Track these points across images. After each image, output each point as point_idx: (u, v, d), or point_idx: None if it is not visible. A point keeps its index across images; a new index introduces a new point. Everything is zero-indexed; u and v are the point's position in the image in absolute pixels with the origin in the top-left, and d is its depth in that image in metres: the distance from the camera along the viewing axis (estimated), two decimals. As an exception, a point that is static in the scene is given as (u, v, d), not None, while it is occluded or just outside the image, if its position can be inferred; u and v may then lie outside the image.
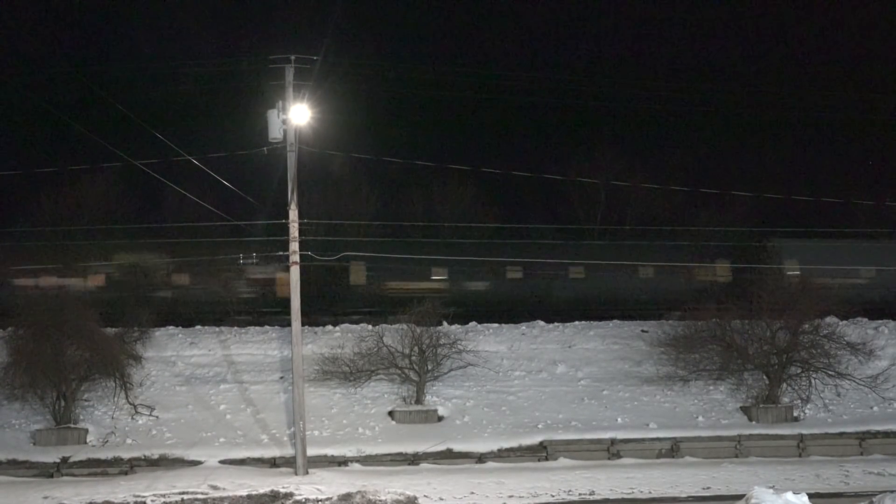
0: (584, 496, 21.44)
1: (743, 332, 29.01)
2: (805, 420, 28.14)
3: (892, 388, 28.89)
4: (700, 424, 27.66)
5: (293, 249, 24.20)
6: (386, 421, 27.41)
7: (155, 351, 29.91)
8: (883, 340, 31.72)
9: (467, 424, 27.16)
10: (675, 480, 22.89)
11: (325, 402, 27.78)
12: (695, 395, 29.19)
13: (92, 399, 27.09)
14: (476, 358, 28.99)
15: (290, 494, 21.19)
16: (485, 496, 21.19)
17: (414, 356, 28.16)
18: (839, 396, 28.56)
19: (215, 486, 21.72)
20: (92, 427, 26.21)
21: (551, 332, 33.43)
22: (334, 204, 44.23)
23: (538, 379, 29.96)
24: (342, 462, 25.23)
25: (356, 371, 28.37)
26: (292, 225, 24.18)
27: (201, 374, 29.40)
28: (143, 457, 24.97)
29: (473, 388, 28.93)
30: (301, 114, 23.98)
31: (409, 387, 28.20)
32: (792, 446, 27.01)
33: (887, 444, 27.09)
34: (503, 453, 25.91)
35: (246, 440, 25.92)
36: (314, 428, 25.94)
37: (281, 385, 28.69)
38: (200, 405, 27.70)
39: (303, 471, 23.36)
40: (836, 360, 28.54)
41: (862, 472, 23.93)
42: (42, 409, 26.38)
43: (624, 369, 30.58)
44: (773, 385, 28.64)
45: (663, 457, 26.43)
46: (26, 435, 25.88)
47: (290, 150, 23.96)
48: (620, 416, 27.74)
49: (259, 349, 31.04)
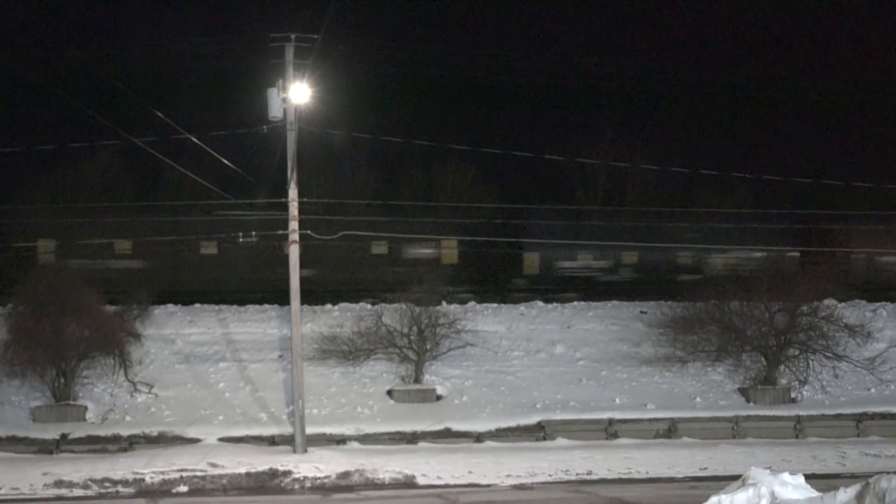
0: (582, 476, 21.50)
1: (741, 313, 29.03)
2: (802, 401, 28.21)
3: (889, 370, 28.93)
4: (698, 405, 27.73)
5: (293, 228, 24.19)
6: (384, 400, 27.46)
7: (154, 329, 29.90)
8: (881, 323, 31.75)
9: (466, 404, 27.23)
10: (673, 461, 22.97)
11: (324, 381, 27.82)
12: (693, 376, 29.24)
13: (91, 376, 27.11)
14: (475, 338, 29.01)
15: (289, 472, 21.25)
16: (483, 475, 21.25)
17: (413, 336, 28.19)
18: (837, 378, 28.62)
19: (214, 464, 21.78)
20: (91, 404, 26.26)
21: (550, 313, 33.45)
22: (334, 183, 44.20)
23: (536, 359, 30.00)
24: (341, 441, 25.30)
25: (355, 350, 28.39)
26: (292, 204, 24.16)
27: (200, 352, 29.43)
28: (142, 434, 25.04)
29: (472, 367, 28.97)
30: (301, 92, 23.89)
31: (407, 366, 28.25)
32: (789, 428, 27.09)
33: (884, 425, 27.18)
34: (501, 433, 25.98)
35: (245, 418, 25.98)
36: (313, 406, 25.98)
37: (280, 363, 28.73)
38: (199, 383, 27.75)
39: (301, 449, 23.41)
40: (833, 342, 28.59)
41: (858, 454, 24.02)
42: (42, 386, 26.41)
43: (622, 350, 30.61)
44: (770, 367, 28.69)
45: (661, 437, 26.50)
46: (26, 412, 25.93)
47: (290, 128, 23.90)
48: (618, 397, 27.80)
49: (258, 328, 31.05)
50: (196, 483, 20.70)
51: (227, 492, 20.35)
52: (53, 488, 20.21)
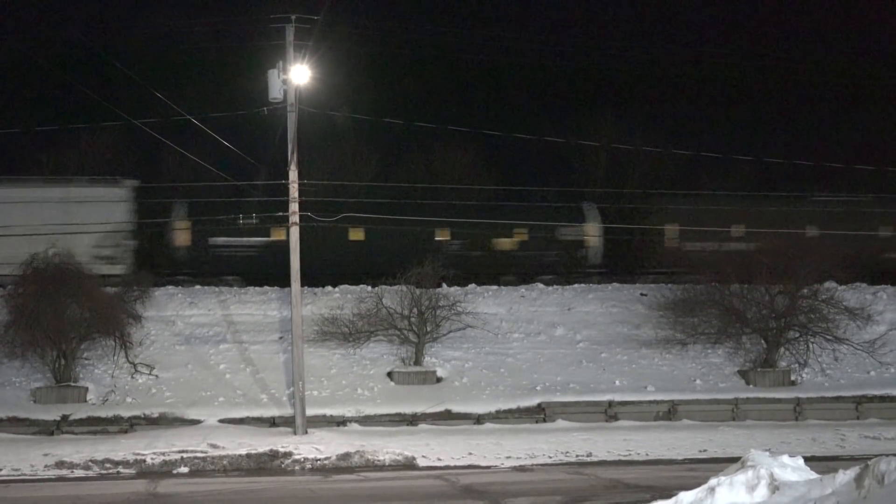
0: (582, 457, 21.55)
1: (742, 296, 29.04)
2: (802, 384, 28.25)
3: (889, 352, 28.95)
4: (698, 388, 27.77)
5: (293, 210, 24.19)
6: (385, 382, 27.50)
7: (155, 310, 29.93)
8: (881, 305, 31.77)
9: (466, 386, 27.27)
10: (673, 443, 23.02)
11: (325, 363, 27.86)
12: (693, 358, 29.27)
13: (92, 358, 27.15)
14: (475, 320, 29.03)
15: (289, 454, 21.30)
16: (483, 457, 21.30)
17: (413, 318, 28.21)
18: (837, 361, 28.64)
19: (215, 445, 21.84)
20: (92, 385, 26.31)
21: (550, 295, 33.45)
22: (335, 165, 44.15)
23: (537, 341, 30.03)
24: (341, 422, 25.36)
25: (355, 332, 28.42)
26: (292, 185, 24.15)
27: (201, 334, 29.47)
28: (142, 415, 25.10)
29: (472, 349, 29.00)
30: (301, 74, 23.85)
31: (408, 348, 28.28)
32: (789, 410, 27.15)
33: (883, 408, 27.23)
34: (501, 415, 26.03)
35: (245, 400, 26.03)
36: (313, 388, 26.03)
37: (280, 345, 28.77)
38: (200, 365, 27.79)
39: (302, 430, 23.48)
40: (834, 325, 28.59)
41: (858, 437, 24.07)
42: (42, 367, 26.46)
43: (622, 332, 30.64)
44: (770, 349, 28.72)
45: (661, 419, 26.57)
46: (27, 393, 25.98)
47: (291, 110, 23.87)
48: (618, 379, 27.84)
49: (258, 309, 31.07)
50: (197, 464, 20.75)
51: (228, 473, 20.39)
52: (54, 469, 20.26)
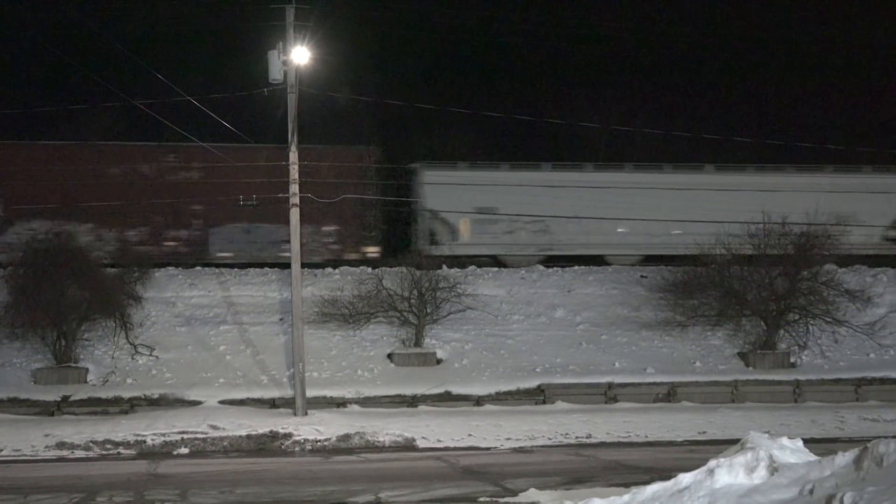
0: (581, 439, 21.61)
1: (742, 278, 29.05)
2: (802, 366, 28.29)
3: (889, 335, 28.98)
4: (697, 370, 27.81)
5: (293, 191, 24.17)
6: (385, 363, 27.54)
7: (155, 291, 29.93)
8: (881, 288, 31.77)
9: (466, 367, 27.30)
10: (672, 425, 23.07)
11: (325, 344, 27.89)
12: (692, 340, 29.30)
13: (92, 339, 27.17)
14: (475, 301, 29.05)
15: (290, 435, 21.37)
16: (482, 438, 21.37)
17: (413, 299, 28.23)
18: (836, 343, 28.67)
19: (215, 426, 21.89)
20: (92, 366, 26.34)
21: (550, 277, 33.44)
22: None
23: (537, 323, 30.04)
24: (341, 403, 25.39)
25: (356, 313, 28.44)
26: (292, 167, 24.13)
27: (201, 315, 29.47)
28: (143, 396, 25.13)
29: (472, 331, 29.02)
30: (302, 55, 23.81)
31: (408, 330, 28.30)
32: (788, 392, 27.20)
33: (883, 390, 27.29)
34: (501, 396, 26.08)
35: (245, 381, 26.06)
36: (313, 370, 26.06)
37: (280, 327, 28.79)
38: (200, 346, 27.81)
39: (302, 412, 23.51)
40: (834, 307, 28.60)
41: (857, 419, 24.12)
42: (43, 348, 26.48)
43: (622, 314, 30.64)
44: (770, 331, 28.74)
45: (660, 401, 26.61)
46: (27, 374, 26.01)
47: (291, 91, 23.83)
48: (618, 361, 27.87)
49: (259, 291, 31.07)
50: (197, 445, 20.83)
51: (228, 454, 20.46)
52: (55, 450, 20.35)
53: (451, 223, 34.21)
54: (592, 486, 14.74)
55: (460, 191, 33.44)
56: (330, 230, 33.93)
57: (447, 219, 34.15)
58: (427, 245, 33.73)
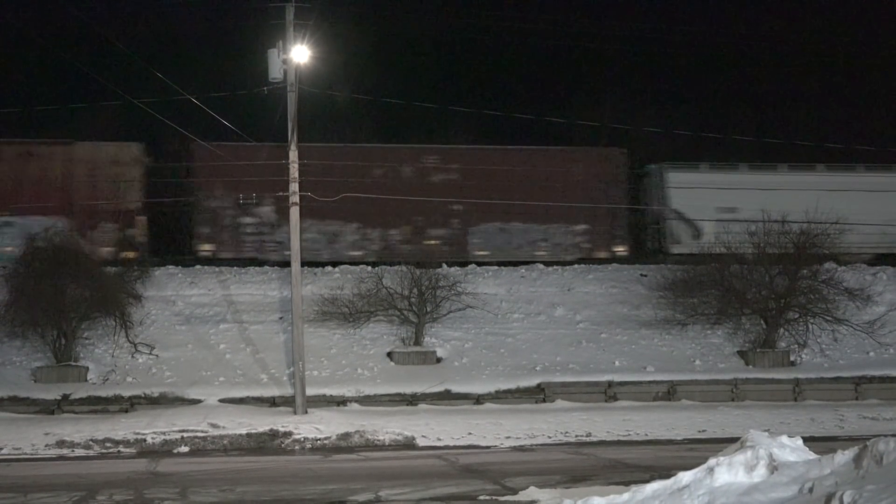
0: (581, 438, 21.61)
1: (741, 276, 29.06)
2: (801, 365, 28.30)
3: (888, 333, 28.99)
4: (697, 368, 27.83)
5: (293, 190, 24.17)
6: (385, 362, 27.55)
7: (155, 290, 29.95)
8: (881, 286, 31.79)
9: (465, 366, 27.31)
10: (672, 423, 23.07)
11: (325, 343, 27.90)
12: (692, 338, 29.31)
13: (92, 337, 27.18)
14: (475, 300, 29.05)
15: (290, 433, 21.36)
16: (482, 437, 21.36)
17: (413, 298, 28.24)
18: (836, 342, 28.68)
19: (215, 425, 21.88)
20: (92, 365, 26.35)
21: (550, 275, 33.45)
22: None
23: (536, 321, 30.05)
24: (341, 402, 25.40)
25: (355, 312, 28.46)
26: (292, 165, 24.12)
27: (201, 314, 29.48)
28: (143, 395, 25.12)
29: (472, 330, 29.03)
30: (301, 53, 23.81)
31: (408, 328, 28.31)
32: (788, 391, 27.20)
33: (882, 389, 27.30)
34: (501, 395, 26.08)
35: (245, 379, 26.08)
36: (313, 368, 26.07)
37: (280, 325, 28.80)
38: (200, 344, 27.82)
39: (302, 410, 23.51)
40: (833, 306, 28.62)
41: (857, 417, 24.11)
42: (43, 346, 26.49)
43: (622, 313, 30.65)
44: (770, 330, 28.75)
45: (660, 400, 26.62)
46: (27, 372, 26.02)
47: (291, 90, 23.83)
48: (618, 360, 27.88)
49: (259, 289, 31.08)
50: (197, 443, 20.82)
51: (228, 452, 20.46)
52: (55, 448, 20.34)
53: (695, 223, 34.89)
54: (592, 484, 14.73)
55: (702, 192, 34.02)
56: (581, 229, 34.97)
57: (691, 218, 34.91)
58: (670, 244, 34.99)
